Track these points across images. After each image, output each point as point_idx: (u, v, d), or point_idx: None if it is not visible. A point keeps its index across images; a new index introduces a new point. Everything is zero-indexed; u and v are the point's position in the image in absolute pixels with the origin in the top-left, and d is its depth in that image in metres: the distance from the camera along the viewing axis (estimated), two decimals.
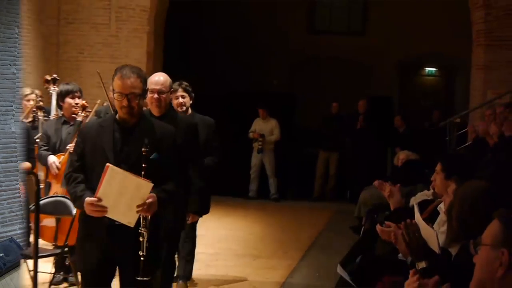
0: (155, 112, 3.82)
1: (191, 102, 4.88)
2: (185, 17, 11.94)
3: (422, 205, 4.22)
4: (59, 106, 5.44)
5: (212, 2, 12.37)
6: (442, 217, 3.48)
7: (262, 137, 10.20)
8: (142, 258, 2.66)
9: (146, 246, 2.69)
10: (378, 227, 3.48)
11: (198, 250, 6.13)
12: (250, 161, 10.35)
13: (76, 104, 4.91)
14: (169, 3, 9.81)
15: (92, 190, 2.67)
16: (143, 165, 2.73)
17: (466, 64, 10.02)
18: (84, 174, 2.89)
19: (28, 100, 6.07)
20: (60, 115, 5.23)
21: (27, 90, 6.32)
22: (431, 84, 14.13)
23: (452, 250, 2.94)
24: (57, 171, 4.78)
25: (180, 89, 4.73)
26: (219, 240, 7.77)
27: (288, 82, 13.09)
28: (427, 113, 11.20)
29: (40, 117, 5.87)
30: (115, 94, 2.92)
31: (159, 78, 3.90)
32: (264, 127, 10.26)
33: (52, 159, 4.75)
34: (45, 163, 4.82)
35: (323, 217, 9.42)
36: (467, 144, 8.06)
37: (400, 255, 3.24)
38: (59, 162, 4.82)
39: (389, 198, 4.32)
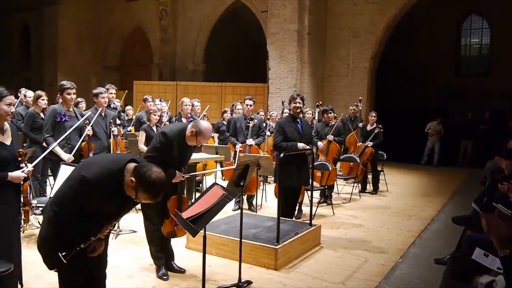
0: None
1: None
2: (383, 65, 14.18)
3: None
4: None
5: (398, 53, 15.81)
6: None
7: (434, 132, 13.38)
8: None
9: None
10: (499, 185, 4.02)
11: (391, 188, 8.42)
12: (426, 144, 13.62)
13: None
14: (378, 63, 13.42)
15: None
16: None
17: None
18: None
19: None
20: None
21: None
22: None
23: None
24: None
25: (298, 98, 5.40)
26: (406, 183, 10.24)
27: (444, 103, 15.92)
28: None
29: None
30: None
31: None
32: (435, 126, 13.51)
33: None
34: None
35: (463, 176, 11.55)
36: None
37: (511, 198, 3.73)
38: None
39: (504, 167, 4.85)
